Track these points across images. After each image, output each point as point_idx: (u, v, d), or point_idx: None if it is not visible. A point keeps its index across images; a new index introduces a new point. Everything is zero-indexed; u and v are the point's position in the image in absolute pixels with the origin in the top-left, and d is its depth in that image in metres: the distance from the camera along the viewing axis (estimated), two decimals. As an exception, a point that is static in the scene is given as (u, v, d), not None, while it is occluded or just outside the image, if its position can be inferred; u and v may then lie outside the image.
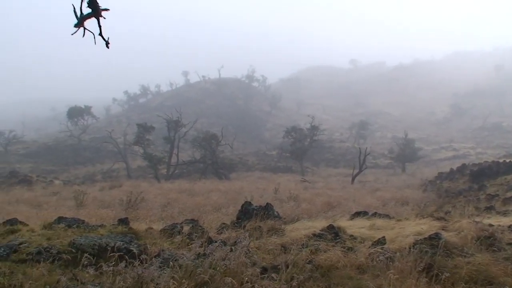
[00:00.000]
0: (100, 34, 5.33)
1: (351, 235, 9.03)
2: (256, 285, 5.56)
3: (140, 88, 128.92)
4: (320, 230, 9.09)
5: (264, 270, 6.37)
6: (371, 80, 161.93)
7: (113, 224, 9.73)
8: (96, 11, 5.21)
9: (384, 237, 8.29)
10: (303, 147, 56.97)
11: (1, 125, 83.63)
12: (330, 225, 9.38)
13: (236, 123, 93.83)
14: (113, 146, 59.17)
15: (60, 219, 9.86)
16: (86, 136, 79.59)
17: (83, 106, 79.05)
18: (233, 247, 6.60)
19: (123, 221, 9.65)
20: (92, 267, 5.82)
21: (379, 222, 10.69)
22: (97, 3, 5.20)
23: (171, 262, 5.86)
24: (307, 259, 7.04)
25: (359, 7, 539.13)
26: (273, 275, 5.95)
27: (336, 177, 46.58)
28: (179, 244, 8.03)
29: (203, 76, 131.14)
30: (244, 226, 9.73)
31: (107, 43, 5.45)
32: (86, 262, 5.97)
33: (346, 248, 7.80)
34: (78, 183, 41.32)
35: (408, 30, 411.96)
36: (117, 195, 26.26)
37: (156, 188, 33.18)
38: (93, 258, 6.35)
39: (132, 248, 7.04)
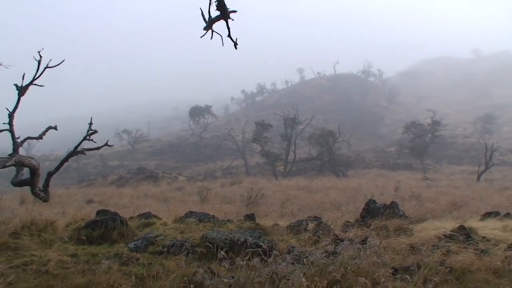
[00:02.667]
0: (229, 35, 5.48)
1: (484, 237, 8.47)
2: (389, 286, 5.40)
3: (257, 86, 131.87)
4: (450, 231, 8.63)
5: (395, 270, 6.19)
6: (495, 70, 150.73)
7: (240, 219, 10.00)
8: (225, 13, 5.36)
9: (521, 239, 7.70)
10: (423, 143, 54.52)
11: (128, 125, 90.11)
12: (460, 225, 8.87)
13: (352, 119, 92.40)
14: (232, 143, 61.19)
15: (190, 214, 10.32)
16: (207, 134, 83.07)
17: (203, 106, 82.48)
18: (361, 246, 6.47)
19: (250, 217, 9.89)
20: (227, 261, 6.01)
21: (512, 223, 9.93)
22: (225, 6, 5.34)
23: (303, 259, 5.89)
24: (439, 260, 6.72)
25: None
26: (406, 276, 5.75)
27: (460, 175, 44.07)
28: (305, 241, 8.06)
29: (318, 73, 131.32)
30: (369, 225, 9.53)
31: (235, 44, 5.59)
32: (220, 255, 6.17)
33: (479, 250, 7.35)
34: (200, 179, 43.16)
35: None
36: (237, 191, 27.00)
37: (274, 185, 33.64)
38: (225, 253, 6.57)
39: (261, 244, 7.19)
